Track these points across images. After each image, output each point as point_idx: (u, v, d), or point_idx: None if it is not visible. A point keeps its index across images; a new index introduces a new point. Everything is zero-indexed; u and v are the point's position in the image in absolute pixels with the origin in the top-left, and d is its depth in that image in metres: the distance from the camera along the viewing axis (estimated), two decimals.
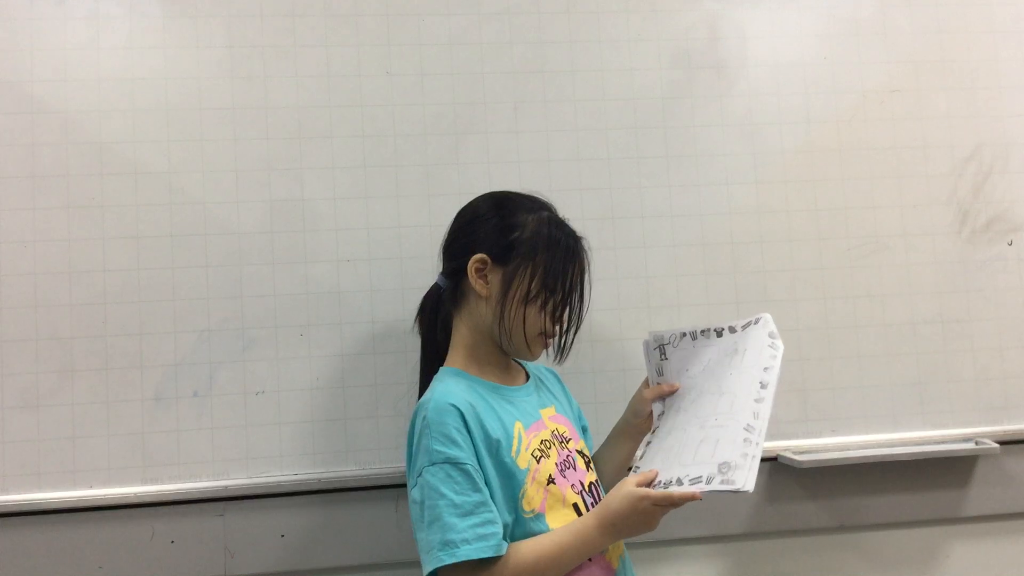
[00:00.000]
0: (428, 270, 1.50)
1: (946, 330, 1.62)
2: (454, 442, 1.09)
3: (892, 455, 1.55)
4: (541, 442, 1.18)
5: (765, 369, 1.15)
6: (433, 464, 1.09)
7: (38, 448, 1.41)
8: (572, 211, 1.53)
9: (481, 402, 1.16)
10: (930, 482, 1.59)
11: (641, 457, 1.21)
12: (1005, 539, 1.63)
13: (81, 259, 1.45)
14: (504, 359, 1.27)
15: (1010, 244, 1.65)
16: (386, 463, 1.48)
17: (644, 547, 1.46)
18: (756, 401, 1.12)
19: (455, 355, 1.25)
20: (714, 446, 1.09)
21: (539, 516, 1.13)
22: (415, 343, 1.50)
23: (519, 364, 1.33)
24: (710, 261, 1.59)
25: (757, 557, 1.57)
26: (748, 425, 1.09)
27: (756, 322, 1.24)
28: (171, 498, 1.42)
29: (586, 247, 1.26)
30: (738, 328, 1.25)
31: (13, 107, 1.46)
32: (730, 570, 1.57)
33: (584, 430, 1.37)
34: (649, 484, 1.09)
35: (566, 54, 1.59)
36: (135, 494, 1.41)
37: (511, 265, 1.19)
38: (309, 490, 1.45)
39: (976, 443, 1.57)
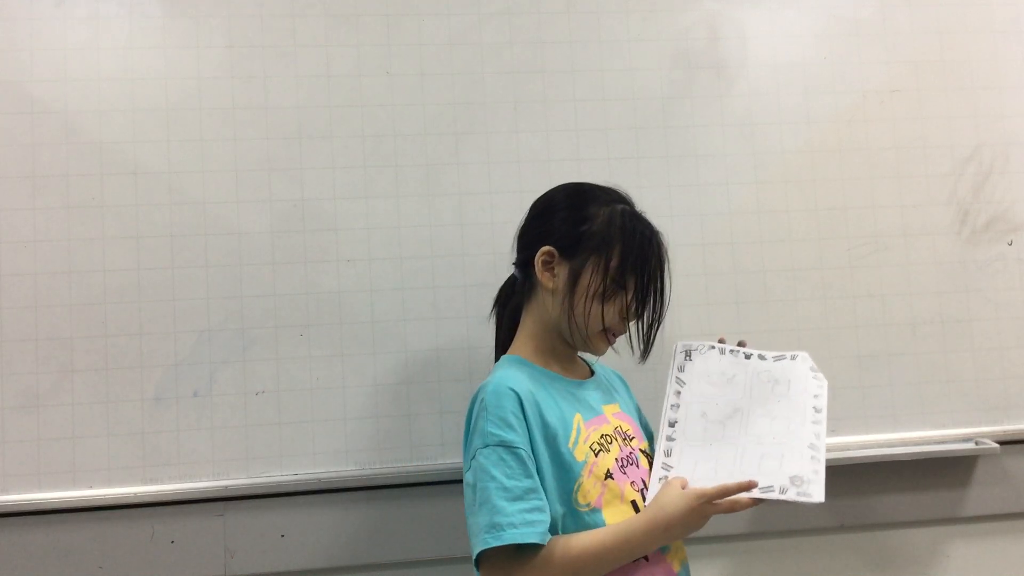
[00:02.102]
0: (428, 270, 1.51)
1: (946, 330, 1.62)
2: (509, 426, 1.08)
3: (892, 455, 1.55)
4: (601, 436, 1.17)
5: (815, 396, 1.22)
6: (487, 446, 1.08)
7: (38, 448, 1.41)
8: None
9: (541, 391, 1.15)
10: (930, 482, 1.59)
11: (669, 455, 1.19)
12: (1005, 539, 1.63)
13: (81, 259, 1.45)
14: (570, 353, 1.26)
15: (1010, 244, 1.65)
16: (386, 463, 1.48)
17: None
18: (814, 423, 1.19)
19: (520, 344, 1.24)
20: (779, 461, 1.14)
21: (595, 510, 1.11)
22: (415, 343, 1.51)
23: (585, 361, 1.32)
24: (710, 261, 1.59)
25: (757, 557, 1.57)
26: (812, 444, 1.16)
27: (792, 358, 1.27)
28: (171, 498, 1.42)
29: (664, 242, 1.23)
30: (768, 357, 1.27)
31: (13, 107, 1.46)
32: (730, 570, 1.57)
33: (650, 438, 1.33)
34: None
35: (566, 54, 1.59)
36: (135, 494, 1.41)
37: (579, 259, 1.18)
38: (309, 490, 1.45)
39: (976, 443, 1.57)
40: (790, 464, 1.13)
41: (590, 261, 1.17)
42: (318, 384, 1.48)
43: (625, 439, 1.21)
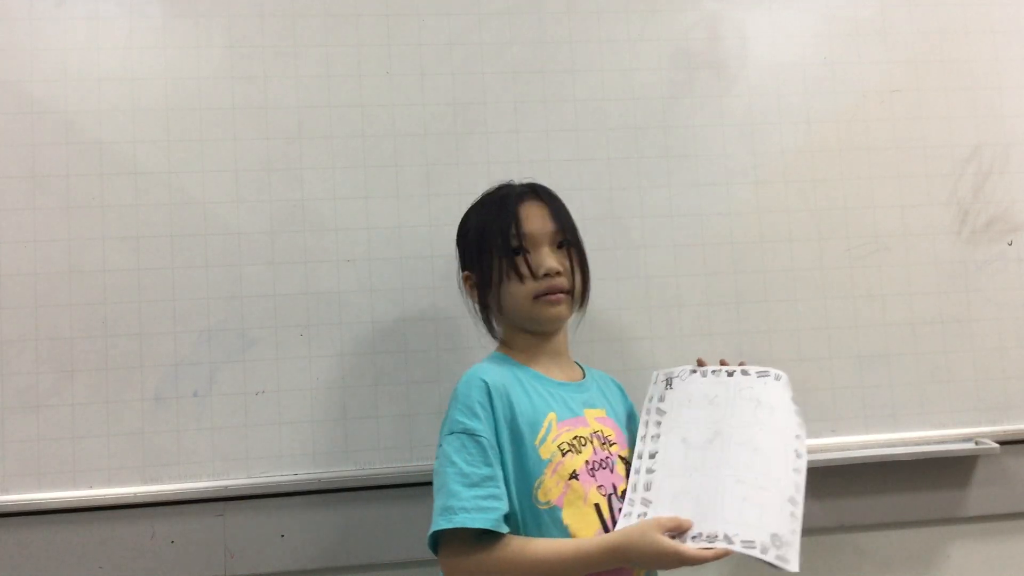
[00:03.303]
0: (428, 270, 1.51)
1: (946, 330, 1.62)
2: (475, 414, 1.11)
3: (892, 455, 1.55)
4: (575, 437, 1.17)
5: (797, 437, 1.17)
6: (452, 433, 1.12)
7: (38, 448, 1.41)
8: (572, 211, 1.53)
9: (517, 385, 1.17)
10: (930, 482, 1.59)
11: (648, 489, 1.15)
12: (1005, 539, 1.63)
13: (81, 259, 1.45)
14: (556, 350, 1.28)
15: (1010, 244, 1.65)
16: (386, 463, 1.48)
17: None
18: (795, 471, 1.13)
19: (505, 343, 1.30)
20: (760, 511, 1.08)
21: (555, 509, 1.12)
22: (415, 343, 1.51)
23: (580, 367, 1.33)
24: (710, 261, 1.59)
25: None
26: (792, 498, 1.11)
27: (777, 378, 1.24)
28: (171, 498, 1.42)
29: (535, 189, 1.27)
30: (751, 372, 1.24)
31: (13, 107, 1.46)
32: (730, 570, 1.57)
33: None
34: (679, 530, 1.06)
35: (566, 54, 1.59)
36: (135, 494, 1.41)
37: (477, 261, 1.25)
38: (309, 490, 1.45)
39: (976, 443, 1.57)
40: (771, 519, 1.07)
41: (482, 255, 1.24)
42: (318, 384, 1.48)
43: (604, 443, 1.21)
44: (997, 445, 1.56)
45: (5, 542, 1.39)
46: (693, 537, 1.06)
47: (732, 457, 1.15)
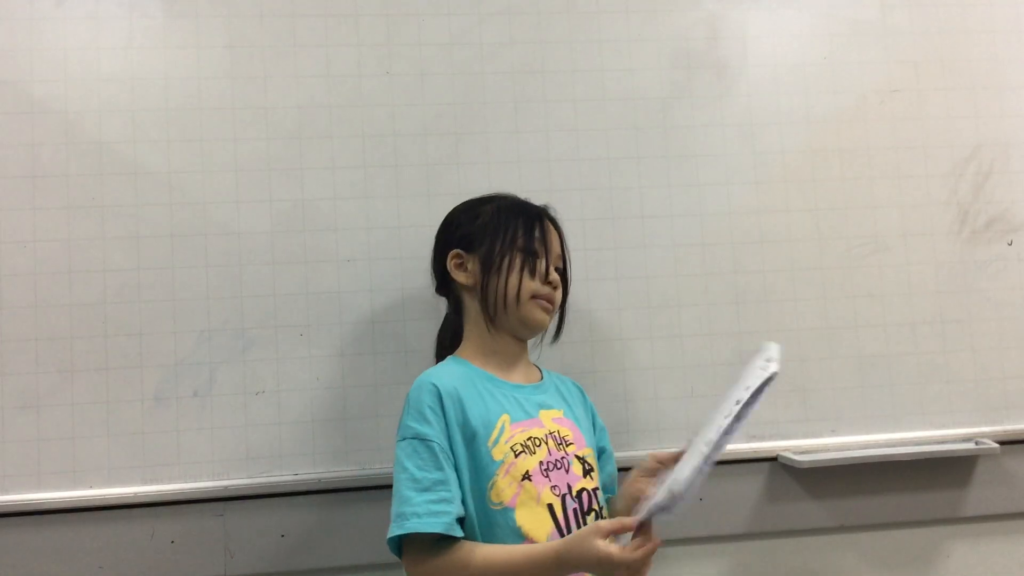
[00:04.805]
0: (428, 270, 1.50)
1: (946, 330, 1.62)
2: (426, 420, 1.13)
3: (892, 455, 1.54)
4: (529, 438, 1.18)
5: (747, 388, 1.07)
6: (404, 439, 1.14)
7: (38, 448, 1.41)
8: (572, 211, 1.54)
9: (470, 388, 1.18)
10: (930, 482, 1.59)
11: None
12: (1005, 539, 1.63)
13: (81, 259, 1.45)
14: (514, 354, 1.28)
15: (1010, 244, 1.65)
16: (386, 463, 1.47)
17: None
18: (726, 416, 1.04)
19: (463, 348, 1.28)
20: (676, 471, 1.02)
21: (508, 510, 1.13)
22: (415, 343, 1.51)
23: (539, 369, 1.33)
24: (710, 261, 1.59)
25: (757, 557, 1.57)
26: (708, 440, 1.03)
27: (768, 362, 1.11)
28: (171, 498, 1.42)
29: (555, 215, 1.31)
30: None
31: (13, 107, 1.46)
32: (730, 570, 1.57)
33: (603, 452, 1.33)
34: (624, 531, 1.02)
35: (566, 54, 1.59)
36: (135, 494, 1.41)
37: (485, 244, 1.24)
38: (309, 490, 1.45)
39: (976, 443, 1.57)
40: (681, 470, 1.00)
41: (497, 240, 1.24)
42: (318, 384, 1.48)
43: (560, 444, 1.21)
44: (997, 445, 1.56)
45: (5, 542, 1.39)
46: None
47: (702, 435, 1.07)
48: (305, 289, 1.49)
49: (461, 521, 1.11)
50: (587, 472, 1.23)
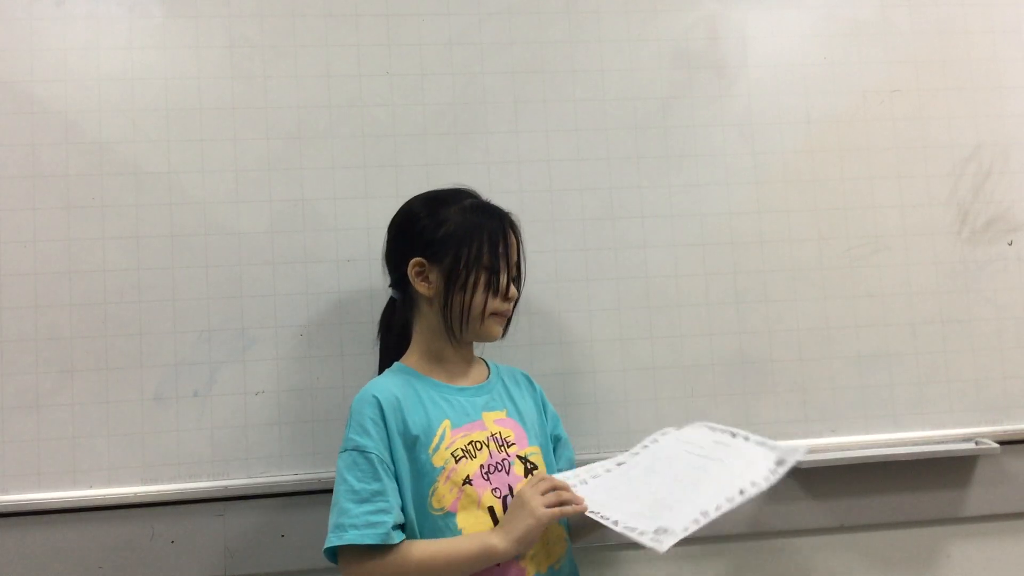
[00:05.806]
0: None
1: (946, 330, 1.62)
2: (366, 431, 1.14)
3: (892, 455, 1.54)
4: (470, 442, 1.19)
5: (752, 484, 1.11)
6: (345, 451, 1.15)
7: (38, 448, 1.41)
8: (572, 211, 1.54)
9: (412, 397, 1.19)
10: (930, 482, 1.59)
11: (595, 478, 1.20)
12: (1005, 539, 1.63)
13: (81, 259, 1.45)
14: (463, 357, 1.28)
15: (1010, 244, 1.65)
16: None
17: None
18: (727, 500, 1.09)
19: (409, 355, 1.28)
20: (662, 510, 1.09)
21: (449, 515, 1.14)
22: None
23: (487, 364, 1.34)
24: (710, 261, 1.59)
25: (757, 557, 1.57)
26: (705, 512, 1.07)
27: (772, 449, 1.19)
28: (171, 498, 1.42)
29: (515, 220, 1.29)
30: (752, 440, 1.22)
31: (13, 107, 1.46)
32: (730, 570, 1.57)
33: (559, 440, 1.34)
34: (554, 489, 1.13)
35: (566, 54, 1.59)
36: (135, 494, 1.41)
37: (448, 259, 1.22)
38: (309, 490, 1.45)
39: (976, 443, 1.57)
40: (668, 517, 1.07)
41: (460, 256, 1.22)
42: (318, 384, 1.48)
43: (501, 446, 1.22)
44: (997, 445, 1.56)
45: (5, 542, 1.39)
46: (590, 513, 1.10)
47: (676, 471, 1.16)
48: (305, 289, 1.49)
49: (403, 527, 1.13)
50: (529, 471, 1.23)
